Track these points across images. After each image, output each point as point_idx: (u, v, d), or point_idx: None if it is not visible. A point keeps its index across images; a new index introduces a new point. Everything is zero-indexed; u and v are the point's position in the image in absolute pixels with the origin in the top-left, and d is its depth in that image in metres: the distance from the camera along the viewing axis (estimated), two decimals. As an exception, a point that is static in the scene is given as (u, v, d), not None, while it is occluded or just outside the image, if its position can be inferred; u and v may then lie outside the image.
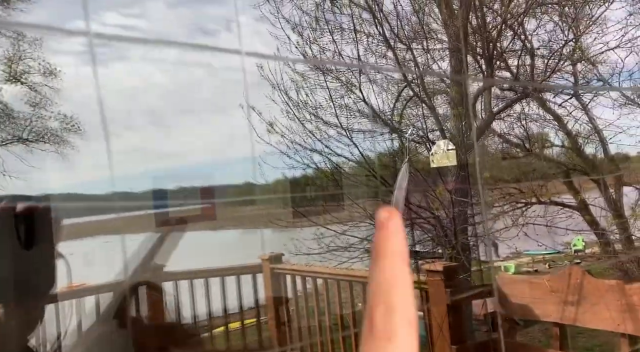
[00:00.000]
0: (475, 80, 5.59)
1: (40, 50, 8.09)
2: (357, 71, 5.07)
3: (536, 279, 2.18)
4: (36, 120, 7.75)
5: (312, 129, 5.10)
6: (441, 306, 2.27)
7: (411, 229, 5.69)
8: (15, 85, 7.79)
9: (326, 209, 5.28)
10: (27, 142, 7.58)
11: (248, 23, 6.51)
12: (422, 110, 5.15)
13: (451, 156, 3.61)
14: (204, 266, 3.81)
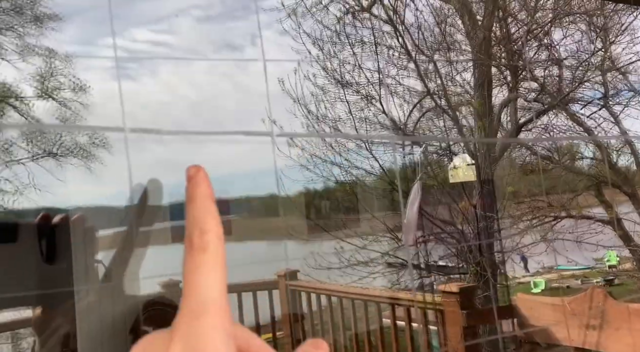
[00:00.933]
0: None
1: (71, 66, 8.32)
2: (377, 84, 5.03)
3: (557, 301, 2.07)
4: (66, 135, 7.94)
5: (332, 142, 5.07)
6: (456, 327, 2.18)
7: (435, 243, 5.58)
8: (46, 101, 8.02)
9: (345, 223, 5.22)
10: (57, 157, 7.77)
11: (272, 38, 6.55)
12: (444, 122, 5.06)
13: (470, 171, 3.51)
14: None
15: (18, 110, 7.96)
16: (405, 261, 5.37)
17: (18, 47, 7.95)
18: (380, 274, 5.14)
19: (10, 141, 7.80)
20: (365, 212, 5.24)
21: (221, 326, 0.28)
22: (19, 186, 7.36)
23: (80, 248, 0.76)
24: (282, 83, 5.15)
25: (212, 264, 0.30)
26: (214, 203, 0.32)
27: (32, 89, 8.05)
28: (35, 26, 7.99)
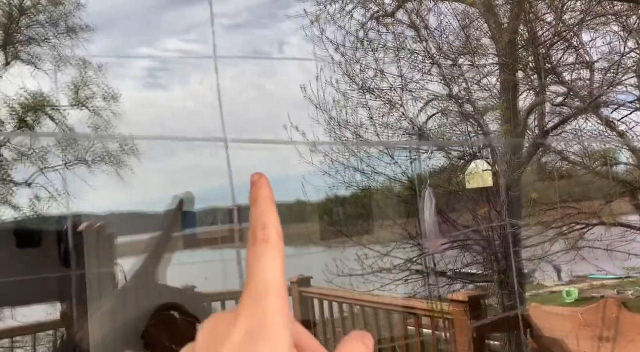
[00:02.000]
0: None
1: (103, 76, 8.58)
2: (400, 89, 5.00)
3: (569, 312, 2.01)
4: (98, 143, 8.18)
5: (354, 148, 5.06)
6: (465, 336, 2.14)
7: (460, 250, 5.49)
8: (80, 110, 8.28)
9: (368, 229, 5.19)
10: (89, 164, 8.00)
11: (299, 44, 6.59)
12: (466, 127, 4.98)
13: (487, 177, 3.44)
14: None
15: (53, 119, 8.25)
16: (429, 268, 5.30)
17: (54, 58, 8.25)
18: (403, 281, 5.08)
19: (46, 149, 8.09)
20: (388, 218, 5.20)
21: (283, 308, 0.31)
22: (53, 192, 7.62)
23: (97, 255, 0.82)
24: (304, 90, 5.18)
25: (273, 254, 0.33)
26: (274, 205, 0.35)
27: (66, 98, 8.34)
28: (69, 38, 8.28)
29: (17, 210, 7.58)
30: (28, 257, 0.76)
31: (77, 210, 8.81)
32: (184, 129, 8.73)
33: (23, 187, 7.73)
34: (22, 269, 0.77)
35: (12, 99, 7.79)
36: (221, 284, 3.46)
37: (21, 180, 7.70)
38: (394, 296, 3.16)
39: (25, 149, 7.88)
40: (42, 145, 7.99)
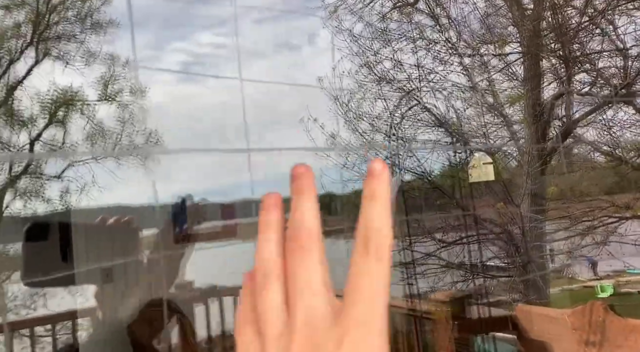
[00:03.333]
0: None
1: (132, 71, 8.73)
2: (417, 80, 4.90)
3: (556, 313, 1.93)
4: (126, 137, 8.36)
5: (371, 141, 4.99)
6: (446, 337, 2.09)
7: (480, 244, 5.37)
8: (108, 105, 8.47)
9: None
10: (117, 157, 8.18)
11: (328, 36, 6.52)
12: (483, 119, 4.85)
13: (488, 171, 3.34)
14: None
15: (83, 113, 8.47)
16: (449, 261, 5.21)
17: (83, 54, 8.45)
18: (422, 275, 5.01)
19: (76, 143, 8.32)
20: (407, 212, 5.12)
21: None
22: (83, 185, 7.84)
23: (123, 247, 0.88)
24: (321, 81, 5.14)
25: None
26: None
27: (95, 93, 8.54)
28: (97, 33, 8.46)
29: (48, 203, 7.83)
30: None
31: (105, 202, 9.04)
32: (216, 122, 8.83)
33: (54, 180, 7.99)
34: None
35: (43, 95, 8.03)
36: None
37: (52, 173, 7.96)
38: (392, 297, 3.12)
39: (57, 144, 8.13)
40: (72, 140, 8.23)
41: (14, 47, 8.17)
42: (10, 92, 7.79)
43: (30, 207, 7.54)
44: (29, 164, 7.73)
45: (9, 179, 7.42)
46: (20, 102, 7.99)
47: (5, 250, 6.63)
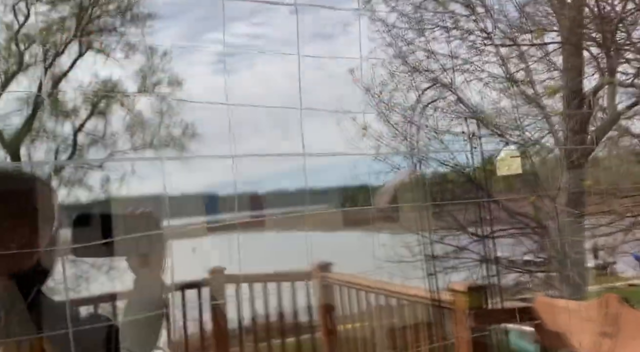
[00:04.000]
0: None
1: (170, 62, 8.91)
2: (452, 71, 4.82)
3: (573, 306, 1.92)
4: (164, 128, 8.56)
5: (404, 132, 4.96)
6: (462, 329, 2.10)
7: (517, 238, 5.27)
8: (147, 96, 8.68)
9: (419, 216, 5.09)
10: (155, 148, 8.40)
11: (363, 25, 6.47)
12: (513, 112, 4.73)
13: (516, 164, 3.27)
14: (295, 265, 4.03)
15: (123, 105, 8.72)
16: (481, 255, 5.14)
17: (123, 46, 8.68)
18: (453, 269, 4.96)
19: (116, 134, 8.59)
20: (439, 205, 5.07)
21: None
22: (122, 174, 8.09)
23: (143, 238, 0.97)
24: (353, 73, 5.13)
25: None
26: None
27: (134, 85, 8.77)
28: (137, 26, 8.66)
29: (90, 191, 8.13)
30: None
31: (143, 192, 9.30)
32: (252, 114, 8.94)
33: (95, 169, 8.28)
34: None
35: (86, 87, 8.31)
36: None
37: (94, 163, 8.25)
38: (410, 286, 3.16)
39: (98, 135, 8.41)
40: (113, 131, 8.49)
41: (59, 40, 8.46)
42: (55, 85, 8.10)
43: (73, 195, 7.86)
44: (73, 153, 8.04)
45: (54, 168, 7.73)
46: (65, 94, 8.30)
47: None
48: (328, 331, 3.36)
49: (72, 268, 7.12)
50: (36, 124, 7.84)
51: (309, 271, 3.63)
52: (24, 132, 7.74)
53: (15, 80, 7.79)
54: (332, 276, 3.47)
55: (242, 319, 3.73)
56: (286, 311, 3.65)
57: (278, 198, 6.35)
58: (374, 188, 5.95)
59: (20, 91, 8.72)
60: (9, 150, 7.60)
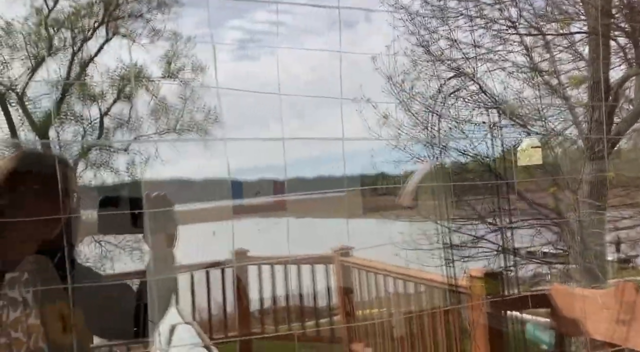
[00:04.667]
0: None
1: (193, 48, 9.01)
2: (474, 60, 4.79)
3: (589, 293, 1.96)
4: (187, 113, 8.69)
5: (425, 122, 4.96)
6: (479, 314, 2.15)
7: (536, 229, 5.26)
8: (171, 81, 8.81)
9: (436, 205, 5.11)
10: (178, 132, 8.54)
11: (383, 14, 6.45)
12: (536, 102, 4.68)
13: (536, 154, 3.26)
14: (315, 250, 4.15)
15: (148, 90, 8.86)
16: (499, 245, 5.14)
17: (148, 32, 8.80)
18: (471, 258, 4.98)
19: (140, 118, 8.75)
20: (457, 195, 5.08)
21: None
22: (147, 158, 8.25)
23: (156, 220, 1.07)
24: (374, 61, 5.14)
25: None
26: None
27: (159, 70, 8.90)
28: (162, 12, 8.76)
29: (116, 173, 8.33)
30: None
31: (166, 176, 9.47)
32: (271, 101, 9.00)
33: (121, 152, 8.46)
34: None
35: (112, 71, 8.47)
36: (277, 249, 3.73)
37: (119, 146, 8.43)
38: (431, 272, 3.22)
39: (124, 118, 8.59)
40: (138, 115, 8.65)
41: (87, 26, 8.62)
42: (83, 69, 8.27)
43: (99, 177, 8.06)
44: (99, 136, 8.22)
45: (81, 151, 7.93)
46: (92, 78, 8.47)
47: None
48: (347, 313, 3.45)
49: (98, 248, 7.36)
50: (64, 107, 8.04)
51: (329, 255, 3.73)
52: (53, 115, 7.95)
53: (45, 65, 7.98)
54: (352, 259, 3.57)
55: (264, 299, 3.87)
56: (306, 293, 3.78)
57: (298, 184, 6.42)
58: (394, 177, 5.98)
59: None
60: (38, 132, 7.82)
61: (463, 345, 2.51)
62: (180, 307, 2.57)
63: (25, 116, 7.73)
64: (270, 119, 10.81)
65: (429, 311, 2.86)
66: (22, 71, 7.80)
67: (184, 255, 3.86)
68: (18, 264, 1.08)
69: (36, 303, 1.09)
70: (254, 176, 4.72)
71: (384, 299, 3.21)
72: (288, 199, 3.15)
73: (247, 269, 3.90)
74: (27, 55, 7.86)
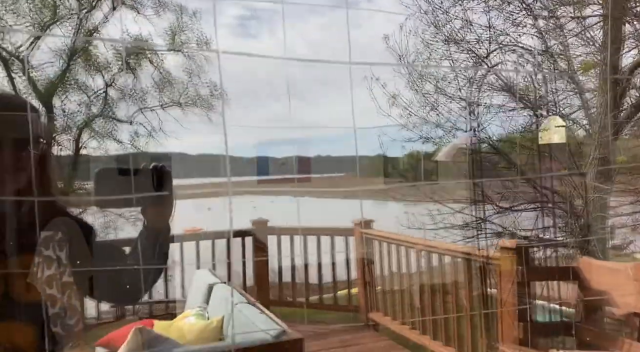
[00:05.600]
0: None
1: (198, 22, 8.90)
2: (487, 41, 4.77)
3: (619, 266, 2.00)
4: (191, 87, 8.62)
5: (434, 102, 4.96)
6: (510, 283, 2.20)
7: (541, 213, 5.29)
8: (175, 55, 8.72)
9: (443, 186, 5.14)
10: (182, 107, 8.48)
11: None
12: (547, 86, 4.67)
13: (560, 133, 3.27)
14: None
15: (152, 62, 8.77)
16: (503, 227, 5.19)
17: (154, 3, 8.67)
18: (474, 239, 5.02)
19: (144, 90, 8.68)
20: (464, 176, 5.10)
21: None
22: (151, 130, 8.22)
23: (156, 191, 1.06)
24: (386, 40, 5.10)
25: None
26: None
27: (164, 43, 8.79)
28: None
29: (120, 144, 8.29)
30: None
31: (170, 149, 9.45)
32: (270, 79, 8.92)
33: (125, 124, 8.41)
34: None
35: (116, 42, 8.35)
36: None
37: (123, 117, 8.37)
38: (452, 242, 3.31)
39: (128, 90, 8.51)
40: (141, 87, 8.58)
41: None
42: (88, 37, 8.15)
43: (103, 148, 8.03)
44: (103, 107, 8.16)
45: (85, 120, 7.87)
46: (96, 48, 8.37)
47: (83, 185, 7.14)
48: (366, 283, 3.51)
49: (101, 217, 7.37)
50: (68, 75, 7.95)
51: (349, 227, 3.79)
52: (57, 83, 7.87)
53: (50, 32, 7.87)
54: (373, 231, 3.64)
55: (282, 268, 3.94)
56: (325, 263, 3.86)
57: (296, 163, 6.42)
58: (401, 158, 5.99)
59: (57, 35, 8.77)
60: (41, 99, 7.75)
61: (487, 318, 2.57)
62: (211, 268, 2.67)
63: (29, 84, 7.65)
64: (269, 97, 10.61)
65: (453, 283, 2.92)
66: (25, 38, 7.70)
67: (205, 224, 3.98)
68: None
69: (70, 262, 1.11)
70: (251, 153, 4.70)
71: (407, 271, 3.28)
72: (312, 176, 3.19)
73: (266, 239, 3.97)
74: (32, 22, 7.75)
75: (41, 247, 1.08)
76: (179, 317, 2.79)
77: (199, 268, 3.87)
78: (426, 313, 3.07)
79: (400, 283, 3.43)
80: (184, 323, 2.56)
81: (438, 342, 3.25)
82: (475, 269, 2.74)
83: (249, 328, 2.03)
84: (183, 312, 2.86)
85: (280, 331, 2.03)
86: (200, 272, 3.38)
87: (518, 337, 2.17)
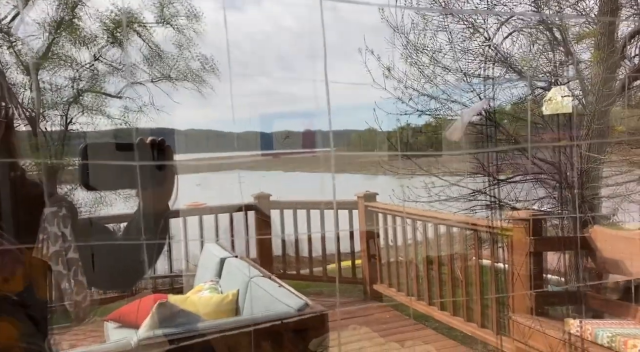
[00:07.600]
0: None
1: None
2: (484, 9, 4.70)
3: (631, 234, 2.03)
4: (181, 61, 8.46)
5: (430, 74, 4.92)
6: (523, 254, 2.24)
7: (535, 184, 5.33)
8: (164, 28, 8.52)
9: (438, 158, 5.15)
10: (172, 80, 8.35)
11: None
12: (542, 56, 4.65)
13: (565, 103, 3.27)
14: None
15: (141, 36, 8.58)
16: (497, 199, 5.23)
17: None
18: (470, 211, 5.06)
19: (134, 64, 8.50)
20: (460, 148, 5.11)
21: None
22: (141, 104, 8.09)
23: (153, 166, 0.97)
24: (381, 11, 5.02)
25: None
26: None
27: (152, 16, 8.59)
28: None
29: (110, 119, 8.16)
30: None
31: (162, 124, 9.35)
32: (258, 51, 8.78)
33: (114, 99, 8.27)
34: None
35: (103, 14, 8.15)
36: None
37: (113, 92, 8.23)
38: (457, 213, 3.34)
39: (116, 63, 8.33)
40: (131, 61, 8.40)
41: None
42: (72, 10, 7.92)
43: (92, 123, 7.90)
44: (92, 81, 8.00)
45: (74, 95, 7.72)
46: (80, 20, 8.14)
47: (73, 162, 7.06)
48: (370, 255, 3.54)
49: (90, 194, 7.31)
50: (55, 49, 7.76)
51: (353, 201, 3.80)
52: (43, 57, 7.68)
53: (34, 4, 7.64)
54: (377, 204, 3.66)
55: (286, 242, 3.97)
56: (329, 236, 3.89)
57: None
58: (394, 132, 5.97)
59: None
60: (27, 73, 7.57)
61: (497, 285, 2.60)
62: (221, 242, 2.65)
63: (15, 57, 7.46)
64: (257, 70, 10.39)
65: (461, 253, 2.95)
66: (8, 10, 7.48)
67: (209, 198, 4.01)
68: None
69: (74, 238, 1.10)
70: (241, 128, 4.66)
71: (413, 242, 3.30)
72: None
73: (269, 213, 3.99)
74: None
75: (45, 224, 1.06)
76: (192, 290, 2.79)
77: (202, 243, 3.88)
78: (433, 284, 3.11)
79: (406, 254, 3.46)
80: (199, 297, 2.56)
81: (446, 313, 3.31)
82: (486, 239, 2.77)
83: (269, 301, 2.03)
84: (195, 286, 2.86)
85: (302, 303, 2.02)
86: (209, 246, 3.34)
87: (530, 307, 2.22)
